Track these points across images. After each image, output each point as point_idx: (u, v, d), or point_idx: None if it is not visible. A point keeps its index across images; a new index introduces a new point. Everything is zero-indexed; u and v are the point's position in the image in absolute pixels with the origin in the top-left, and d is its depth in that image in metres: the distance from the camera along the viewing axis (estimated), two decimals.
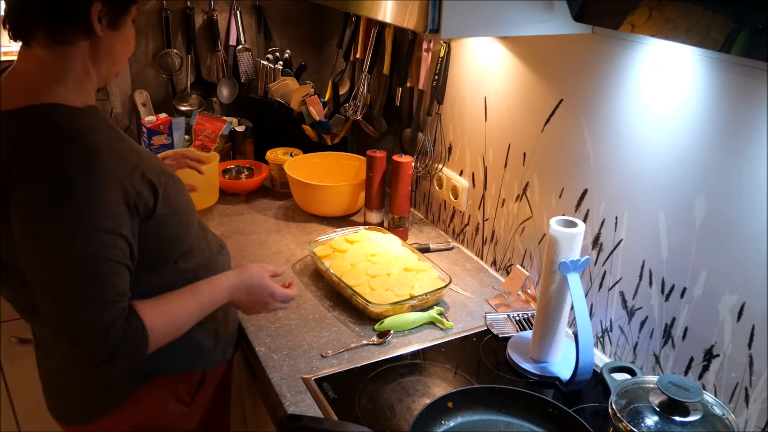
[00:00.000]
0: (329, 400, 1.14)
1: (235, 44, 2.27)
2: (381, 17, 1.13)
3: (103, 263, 0.94)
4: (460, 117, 1.67)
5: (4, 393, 1.90)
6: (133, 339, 0.96)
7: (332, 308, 1.43)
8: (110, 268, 0.94)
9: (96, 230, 0.93)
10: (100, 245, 0.93)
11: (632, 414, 0.97)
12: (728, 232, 1.02)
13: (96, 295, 0.92)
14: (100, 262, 0.93)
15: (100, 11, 0.96)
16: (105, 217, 0.94)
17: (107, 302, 0.93)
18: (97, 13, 0.96)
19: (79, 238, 0.92)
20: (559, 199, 1.37)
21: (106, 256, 0.94)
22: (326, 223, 1.83)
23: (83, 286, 0.92)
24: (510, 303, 1.47)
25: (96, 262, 0.93)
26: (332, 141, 2.08)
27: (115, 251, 0.95)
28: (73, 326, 0.92)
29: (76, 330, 0.92)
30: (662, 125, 1.10)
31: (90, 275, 0.92)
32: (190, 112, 2.22)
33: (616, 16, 0.95)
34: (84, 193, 0.92)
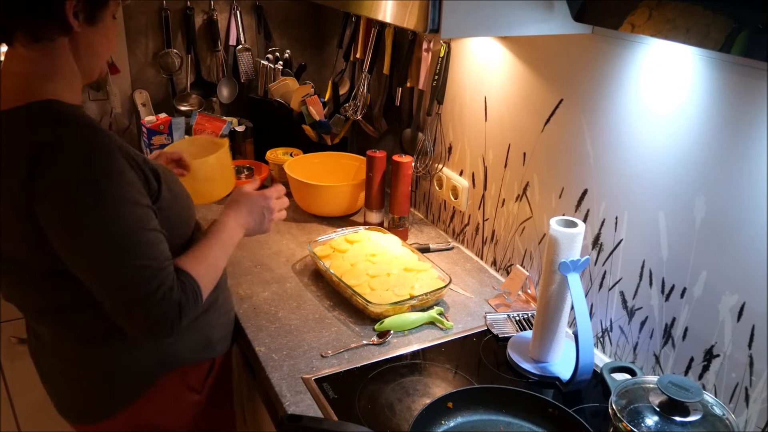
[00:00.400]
0: (329, 400, 1.14)
1: (235, 44, 2.27)
2: (381, 17, 1.13)
3: (148, 233, 0.99)
4: (460, 117, 1.67)
5: (4, 393, 1.90)
6: (192, 292, 1.04)
7: (332, 308, 1.43)
8: (155, 237, 1.00)
9: (134, 205, 0.97)
10: (141, 218, 0.98)
11: (632, 414, 0.97)
12: (728, 232, 1.02)
13: (151, 264, 0.98)
14: (145, 233, 0.98)
15: (75, 6, 0.96)
16: (136, 192, 0.98)
17: (161, 268, 0.99)
18: (72, 8, 0.96)
19: (122, 217, 0.96)
20: (559, 199, 1.37)
21: (148, 226, 0.99)
22: (326, 223, 1.83)
23: (139, 260, 0.97)
24: (510, 303, 1.47)
25: (142, 234, 0.98)
26: (332, 141, 2.08)
27: (153, 221, 1.01)
28: (141, 299, 0.97)
29: (144, 302, 0.97)
30: (662, 125, 1.10)
31: (141, 248, 0.97)
32: (190, 112, 2.22)
33: (616, 16, 0.95)
34: (113, 174, 0.96)
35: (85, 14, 0.99)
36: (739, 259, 1.01)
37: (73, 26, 0.98)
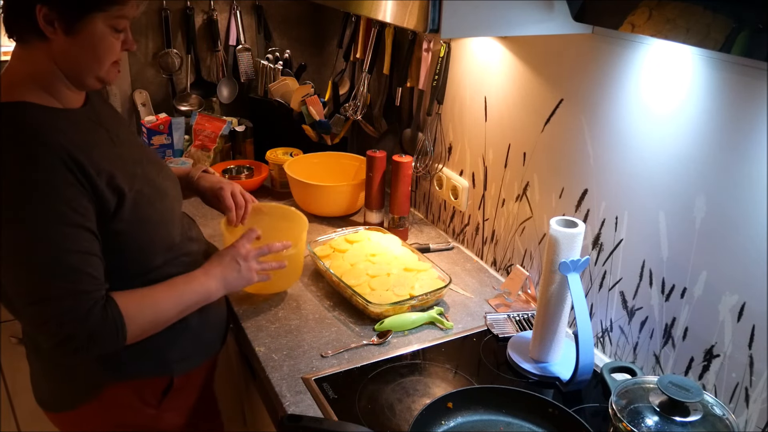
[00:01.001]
0: (329, 400, 1.14)
1: (235, 44, 2.27)
2: (381, 17, 1.13)
3: (73, 255, 0.97)
4: (460, 117, 1.67)
5: (4, 393, 1.90)
6: (111, 326, 1.00)
7: (332, 308, 1.43)
8: (81, 259, 0.98)
9: (61, 224, 0.96)
10: (67, 238, 0.96)
11: (632, 414, 0.97)
12: (728, 232, 1.02)
13: (71, 287, 0.96)
14: (70, 254, 0.96)
15: (47, 15, 0.96)
16: (70, 210, 0.96)
17: (83, 292, 0.97)
18: (43, 16, 0.96)
19: (45, 233, 0.95)
20: (559, 199, 1.37)
21: (75, 248, 0.97)
22: (326, 223, 1.83)
23: (57, 279, 0.96)
24: (510, 303, 1.47)
25: (66, 255, 0.96)
26: (332, 141, 2.08)
27: (84, 243, 0.98)
28: (53, 317, 0.96)
29: (56, 320, 0.96)
30: (662, 125, 1.10)
31: (62, 268, 0.96)
32: (190, 112, 2.22)
33: (616, 16, 0.95)
34: (45, 189, 0.95)
35: (61, 23, 0.97)
36: (740, 258, 1.01)
37: (46, 32, 0.97)
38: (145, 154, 1.19)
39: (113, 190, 1.02)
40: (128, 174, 1.07)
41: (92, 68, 1.04)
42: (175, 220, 1.20)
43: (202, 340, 1.27)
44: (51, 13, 0.96)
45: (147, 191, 1.10)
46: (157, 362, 1.19)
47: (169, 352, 1.20)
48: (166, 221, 1.16)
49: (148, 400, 1.21)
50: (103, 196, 1.01)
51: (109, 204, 1.02)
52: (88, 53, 1.02)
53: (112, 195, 1.02)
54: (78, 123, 1.05)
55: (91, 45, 1.01)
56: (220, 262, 1.21)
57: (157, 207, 1.13)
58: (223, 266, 1.21)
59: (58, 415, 1.22)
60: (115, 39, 1.04)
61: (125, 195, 1.04)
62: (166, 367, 1.21)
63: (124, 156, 1.09)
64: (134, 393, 1.19)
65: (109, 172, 1.02)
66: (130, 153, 1.13)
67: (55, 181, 0.95)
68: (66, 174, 0.96)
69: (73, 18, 0.98)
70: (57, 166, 0.96)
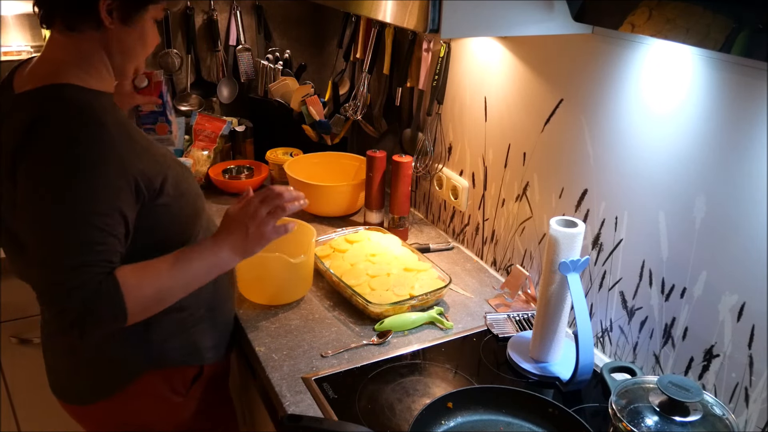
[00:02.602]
0: (329, 400, 1.14)
1: (235, 44, 2.27)
2: (381, 17, 1.13)
3: (92, 230, 0.97)
4: (460, 117, 1.67)
5: (4, 393, 1.90)
6: (107, 300, 0.96)
7: (332, 308, 1.43)
8: (98, 237, 0.97)
9: (93, 200, 0.97)
10: (94, 214, 0.97)
11: (632, 414, 0.97)
12: (728, 232, 1.02)
13: (77, 258, 0.96)
14: (90, 229, 0.96)
15: (109, 4, 1.00)
16: (104, 187, 0.97)
17: (86, 265, 0.96)
18: (106, 5, 1.00)
19: (74, 203, 0.96)
20: (559, 199, 1.37)
21: (97, 224, 0.97)
22: (326, 223, 1.83)
23: (68, 249, 0.96)
24: (510, 303, 1.47)
25: (86, 228, 0.96)
26: (332, 141, 2.08)
27: (108, 221, 0.98)
28: (51, 285, 0.96)
29: (53, 289, 0.96)
30: (662, 125, 1.10)
31: (77, 239, 0.96)
32: (190, 112, 2.22)
33: (616, 16, 0.95)
34: (87, 163, 0.96)
35: (120, 13, 1.02)
36: (739, 258, 1.01)
37: (105, 23, 1.01)
38: None
39: (156, 169, 1.05)
40: (161, 155, 1.11)
41: (139, 56, 1.10)
42: (200, 195, 1.23)
43: (227, 328, 1.32)
44: (113, 3, 1.00)
45: (180, 169, 1.15)
46: (191, 350, 1.22)
47: (202, 339, 1.23)
48: (199, 195, 1.21)
49: (177, 389, 1.23)
50: (147, 173, 1.03)
51: (155, 182, 1.05)
52: (140, 42, 1.08)
53: (156, 174, 1.05)
54: (113, 105, 1.09)
55: (142, 35, 1.08)
56: (227, 226, 1.12)
57: (191, 182, 1.18)
58: (230, 231, 1.11)
59: (83, 408, 1.21)
60: (156, 29, 1.12)
61: (166, 173, 1.07)
62: (199, 355, 1.24)
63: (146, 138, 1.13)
64: (165, 381, 1.21)
65: (150, 151, 1.07)
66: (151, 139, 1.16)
67: (97, 156, 0.97)
68: (110, 152, 0.98)
69: (133, 9, 1.03)
70: (101, 143, 0.98)
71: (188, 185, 1.16)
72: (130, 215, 1.02)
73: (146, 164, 1.04)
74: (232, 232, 1.11)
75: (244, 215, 1.11)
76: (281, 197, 1.13)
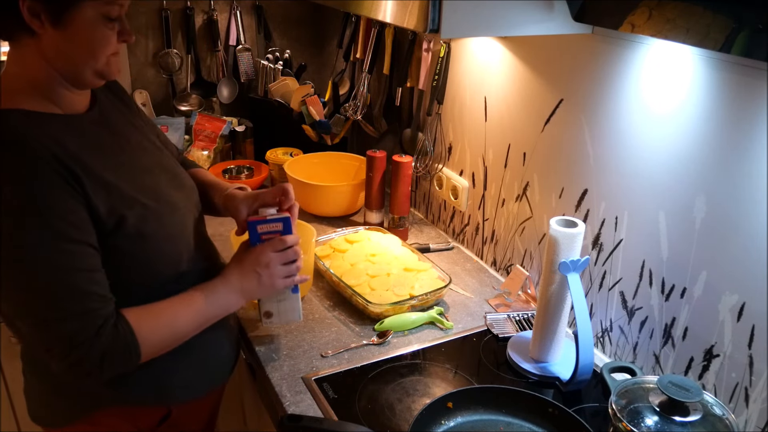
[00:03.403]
0: (329, 400, 1.14)
1: (235, 44, 2.27)
2: (381, 17, 1.13)
3: (76, 274, 0.91)
4: (460, 117, 1.67)
5: (4, 393, 1.90)
6: (123, 344, 0.94)
7: (332, 308, 1.43)
8: (85, 277, 0.92)
9: (61, 241, 0.89)
10: (68, 256, 0.90)
11: (632, 414, 0.97)
12: (728, 232, 1.02)
13: (77, 308, 0.91)
14: (72, 273, 0.90)
15: (31, 7, 0.87)
16: (68, 226, 0.90)
17: (90, 310, 0.91)
18: (28, 8, 0.87)
19: (44, 252, 0.88)
20: (559, 199, 1.37)
21: (78, 266, 0.91)
22: (326, 223, 1.83)
23: (62, 300, 0.90)
24: (510, 303, 1.47)
25: (68, 274, 0.90)
26: (332, 141, 2.08)
27: (87, 259, 0.92)
28: (61, 339, 0.90)
29: (65, 342, 0.90)
30: (662, 125, 1.10)
31: (66, 288, 0.90)
32: (190, 112, 2.22)
33: (616, 16, 0.95)
34: (39, 204, 0.87)
35: (48, 15, 0.89)
36: (740, 258, 1.01)
37: (33, 27, 0.89)
38: (158, 161, 1.12)
39: (112, 206, 0.95)
40: (135, 185, 1.00)
41: (87, 63, 0.95)
42: (185, 234, 1.10)
43: (209, 366, 1.18)
44: (36, 4, 0.87)
45: (154, 205, 1.02)
46: (156, 388, 1.10)
47: (171, 377, 1.11)
48: (174, 236, 1.08)
49: (141, 428, 1.12)
50: (99, 211, 0.94)
51: (107, 221, 0.95)
52: (80, 46, 0.93)
53: (111, 212, 0.95)
54: (79, 129, 0.97)
55: (83, 37, 0.93)
56: (240, 271, 1.11)
57: (164, 222, 1.05)
58: (242, 276, 1.10)
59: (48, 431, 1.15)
60: (109, 29, 0.95)
61: (125, 213, 0.97)
62: (166, 395, 1.12)
63: (132, 164, 1.03)
64: (128, 420, 1.11)
65: (111, 184, 0.96)
66: (140, 160, 1.06)
67: (49, 195, 0.88)
68: (60, 185, 0.89)
69: (59, 7, 0.89)
70: (50, 178, 0.88)
71: (160, 226, 1.04)
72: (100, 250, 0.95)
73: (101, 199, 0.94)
74: (245, 276, 1.11)
75: (257, 263, 1.11)
76: (296, 253, 1.14)
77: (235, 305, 1.12)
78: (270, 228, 1.13)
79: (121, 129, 1.08)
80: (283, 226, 1.14)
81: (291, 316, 1.23)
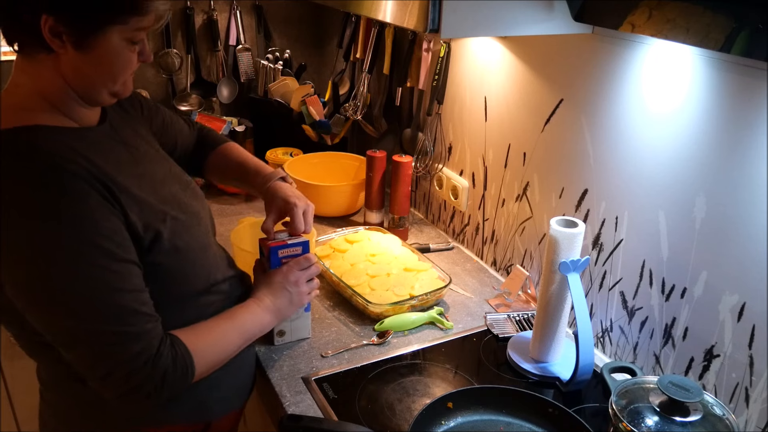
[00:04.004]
0: (329, 400, 1.14)
1: (235, 44, 2.27)
2: (381, 17, 1.13)
3: (127, 295, 0.87)
4: (460, 117, 1.67)
5: (4, 393, 1.90)
6: (182, 363, 0.93)
7: (332, 308, 1.43)
8: (135, 298, 0.89)
9: (109, 260, 0.86)
10: (118, 277, 0.87)
11: (632, 414, 0.97)
12: (728, 232, 1.02)
13: (133, 329, 0.87)
14: (123, 294, 0.87)
15: (53, 27, 0.83)
16: (113, 245, 0.86)
17: (146, 332, 0.89)
18: (49, 28, 0.83)
19: (91, 274, 0.84)
20: (559, 199, 1.37)
21: (128, 287, 0.88)
22: (326, 223, 1.83)
23: (117, 324, 0.86)
24: (510, 303, 1.47)
25: (120, 295, 0.87)
26: (332, 141, 2.08)
27: (134, 279, 0.89)
28: (122, 363, 0.87)
29: (126, 366, 0.87)
30: (662, 125, 1.10)
31: (119, 311, 0.87)
32: (190, 112, 2.22)
33: (616, 16, 0.95)
34: (81, 224, 0.84)
35: (72, 38, 0.85)
36: (740, 258, 1.01)
37: (53, 47, 0.85)
38: (169, 170, 1.09)
39: (147, 222, 0.92)
40: (159, 198, 0.97)
41: (106, 84, 0.92)
42: (211, 242, 1.10)
43: (242, 378, 1.18)
44: (58, 25, 0.83)
45: (182, 217, 1.00)
46: (199, 405, 1.08)
47: (212, 393, 1.09)
48: (204, 246, 1.06)
49: None
50: (137, 227, 0.90)
51: (145, 237, 0.92)
52: (101, 69, 0.90)
53: (147, 228, 0.92)
54: (97, 143, 0.94)
55: (106, 61, 0.89)
56: (271, 291, 1.12)
57: (193, 233, 1.03)
58: (274, 296, 1.12)
59: None
60: (132, 52, 0.92)
61: (160, 228, 0.94)
62: (207, 411, 1.10)
63: (150, 176, 1.00)
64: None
65: (141, 198, 0.93)
66: (154, 171, 1.03)
67: (92, 213, 0.84)
68: (101, 203, 0.85)
69: (85, 33, 0.85)
70: (90, 196, 0.84)
71: (191, 237, 1.02)
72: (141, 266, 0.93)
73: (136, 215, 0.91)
74: (276, 295, 1.13)
75: (286, 281, 1.14)
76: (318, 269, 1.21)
77: (269, 325, 1.13)
78: (290, 252, 1.19)
79: (131, 140, 1.04)
80: (302, 250, 1.20)
81: (302, 333, 1.30)
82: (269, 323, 1.13)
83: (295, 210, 1.20)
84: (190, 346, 0.95)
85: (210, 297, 1.06)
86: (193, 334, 0.97)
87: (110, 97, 0.95)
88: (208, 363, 1.00)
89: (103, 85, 0.92)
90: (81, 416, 1.04)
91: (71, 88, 0.91)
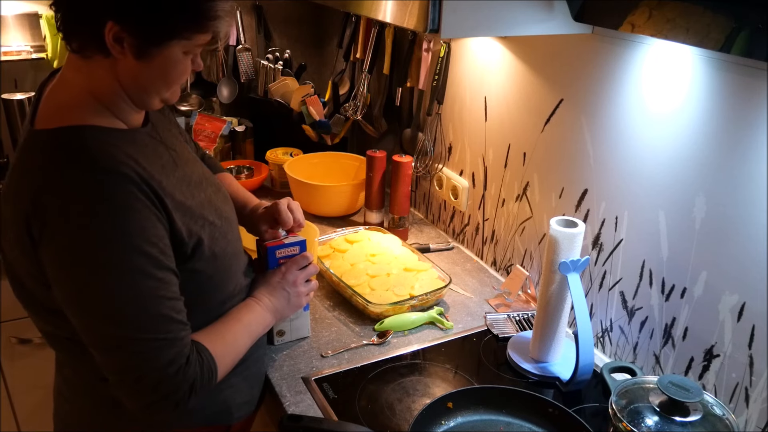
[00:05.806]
0: (329, 400, 1.14)
1: (235, 44, 2.27)
2: (381, 17, 1.13)
3: (166, 303, 0.88)
4: (460, 117, 1.67)
5: (4, 393, 1.90)
6: (208, 371, 0.94)
7: (332, 308, 1.43)
8: (172, 306, 0.89)
9: (152, 267, 0.86)
10: (160, 284, 0.87)
11: (632, 414, 0.97)
12: (728, 232, 1.02)
13: (168, 336, 0.88)
14: (162, 302, 0.87)
15: (116, 33, 0.84)
16: (157, 252, 0.87)
17: (178, 339, 0.89)
18: (113, 34, 0.84)
19: (133, 280, 0.85)
20: (559, 199, 1.37)
21: (167, 294, 0.88)
22: (326, 223, 1.83)
23: (154, 331, 0.87)
24: (510, 303, 1.47)
25: (159, 303, 0.87)
26: (332, 141, 2.08)
27: (172, 287, 0.90)
28: (156, 370, 0.87)
29: (154, 374, 0.88)
30: (662, 125, 1.10)
31: (156, 319, 0.87)
32: (190, 112, 2.22)
33: (616, 16, 0.95)
34: (131, 230, 0.84)
35: (134, 48, 0.86)
36: (740, 258, 1.01)
37: (113, 52, 0.86)
38: (203, 174, 1.07)
39: (190, 228, 0.93)
40: (197, 203, 0.97)
41: (159, 91, 0.93)
42: (242, 249, 1.11)
43: (259, 379, 1.19)
44: (123, 33, 0.84)
45: (219, 222, 1.01)
46: (223, 407, 1.10)
47: (235, 395, 1.11)
48: (237, 252, 1.08)
49: None
50: (182, 234, 0.91)
51: (188, 243, 0.93)
52: (158, 77, 0.91)
53: (190, 235, 0.93)
54: (144, 146, 0.94)
55: (163, 70, 0.91)
56: (269, 291, 1.13)
57: (229, 238, 1.04)
58: (273, 296, 1.13)
59: None
60: (187, 62, 0.94)
61: (201, 234, 0.95)
62: (229, 414, 1.11)
63: (188, 180, 0.99)
64: None
65: (183, 203, 0.93)
66: (191, 175, 1.01)
67: (139, 219, 0.85)
68: (148, 208, 0.86)
69: (148, 44, 0.86)
70: (138, 200, 0.85)
71: (227, 243, 1.03)
72: None
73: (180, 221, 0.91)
74: (275, 296, 1.14)
75: (285, 281, 1.15)
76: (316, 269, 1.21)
77: (269, 324, 1.14)
78: (288, 252, 1.19)
79: (171, 142, 1.04)
80: (299, 249, 1.19)
81: (302, 332, 1.31)
82: (270, 323, 1.14)
83: (279, 206, 1.19)
84: (213, 351, 0.96)
85: (233, 302, 1.08)
86: (212, 339, 0.98)
87: (160, 102, 0.96)
88: (227, 366, 1.00)
89: (157, 92, 0.94)
90: (105, 417, 1.04)
91: (124, 91, 0.92)
